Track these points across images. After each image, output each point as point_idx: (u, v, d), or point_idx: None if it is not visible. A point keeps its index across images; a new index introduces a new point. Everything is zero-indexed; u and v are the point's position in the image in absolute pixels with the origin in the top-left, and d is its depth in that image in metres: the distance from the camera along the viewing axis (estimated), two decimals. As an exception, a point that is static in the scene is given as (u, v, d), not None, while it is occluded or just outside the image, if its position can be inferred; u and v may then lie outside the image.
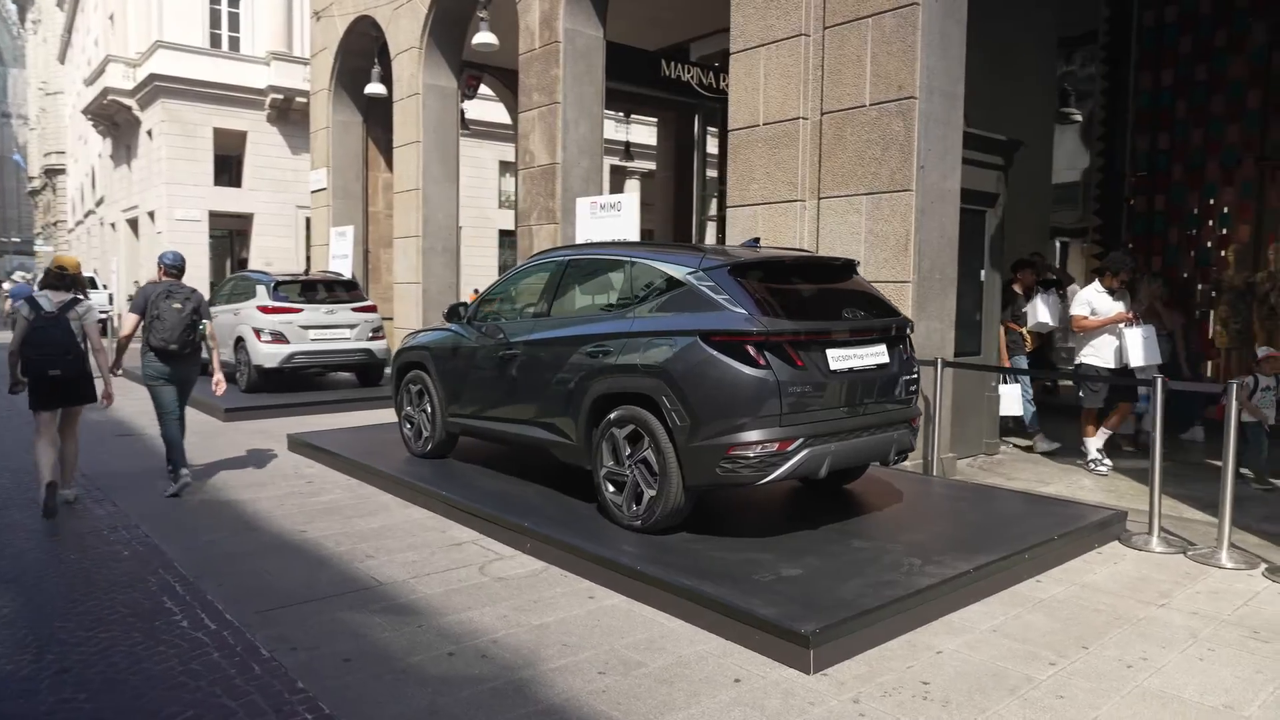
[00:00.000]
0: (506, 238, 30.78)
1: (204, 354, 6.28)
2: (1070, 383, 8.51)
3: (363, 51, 14.13)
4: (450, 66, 12.35)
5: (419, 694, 3.16)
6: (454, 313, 6.34)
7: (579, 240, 9.35)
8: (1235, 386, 4.68)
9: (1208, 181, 9.87)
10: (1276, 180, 9.49)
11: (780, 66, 7.19)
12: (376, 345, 11.02)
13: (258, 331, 10.30)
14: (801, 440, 4.37)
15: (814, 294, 4.81)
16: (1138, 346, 6.65)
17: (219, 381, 6.30)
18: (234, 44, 25.75)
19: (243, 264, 27.14)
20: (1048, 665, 3.43)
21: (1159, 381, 5.02)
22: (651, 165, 30.34)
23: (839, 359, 4.55)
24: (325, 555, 4.75)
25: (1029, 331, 7.77)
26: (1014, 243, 8.25)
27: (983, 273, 7.55)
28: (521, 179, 10.27)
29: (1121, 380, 6.79)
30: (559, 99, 9.67)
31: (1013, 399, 7.00)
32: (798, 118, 7.09)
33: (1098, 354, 6.86)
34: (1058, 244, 12.27)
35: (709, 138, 16.34)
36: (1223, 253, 9.73)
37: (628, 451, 4.76)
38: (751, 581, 3.94)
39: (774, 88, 7.25)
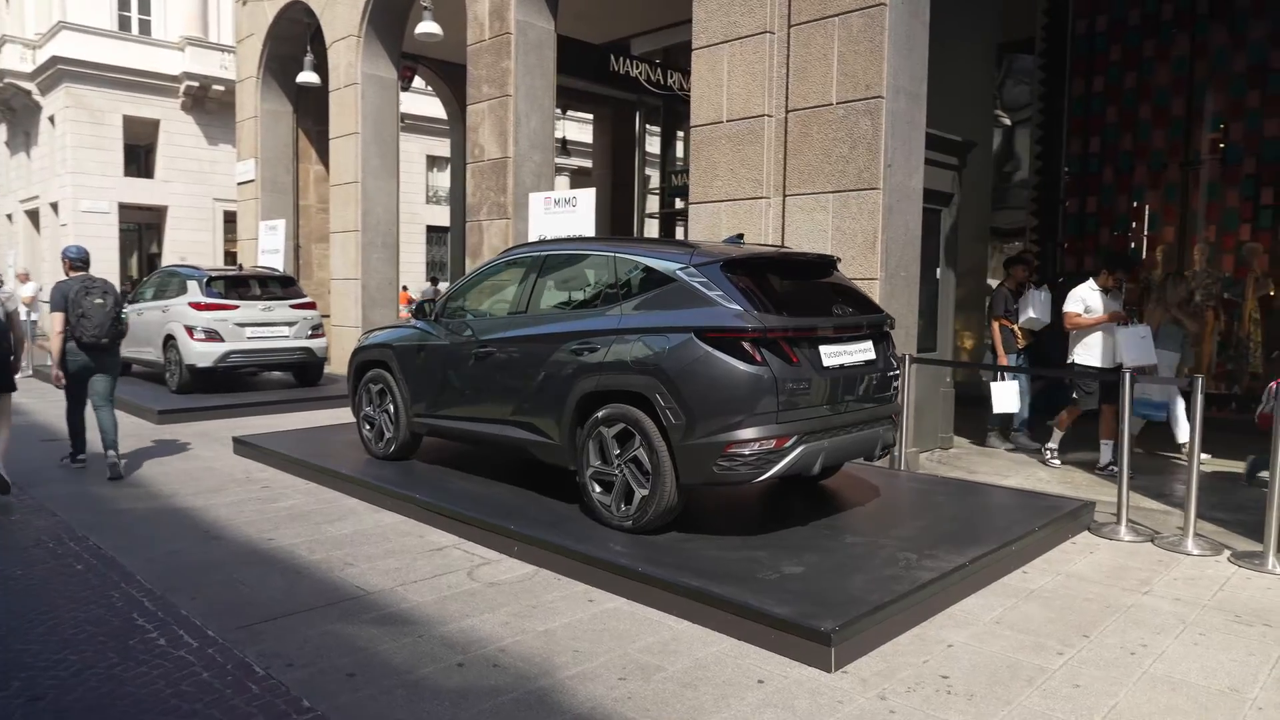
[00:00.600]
0: (435, 234, 30.20)
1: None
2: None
3: (293, 38, 13.61)
4: (390, 56, 11.99)
5: (437, 708, 3.01)
6: (420, 310, 6.12)
7: (532, 236, 9.20)
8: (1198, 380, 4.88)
9: (1136, 185, 10.32)
10: (1199, 184, 9.99)
11: (745, 63, 7.19)
12: (316, 344, 10.62)
13: (190, 329, 9.79)
14: (797, 437, 4.36)
15: (803, 290, 4.80)
16: (1130, 346, 6.50)
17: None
18: (144, 27, 24.51)
19: (152, 260, 25.91)
20: (1056, 655, 3.49)
21: (1127, 377, 5.20)
22: (582, 162, 30.28)
23: (831, 355, 4.55)
24: (300, 564, 4.52)
25: (1020, 328, 7.78)
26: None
27: (938, 271, 7.73)
28: (470, 173, 10.04)
29: (1079, 375, 7.01)
30: (511, 92, 9.48)
31: (1007, 395, 6.76)
32: (763, 115, 7.10)
33: (1090, 353, 6.77)
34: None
35: (648, 135, 16.33)
36: (1154, 252, 10.19)
37: (616, 451, 4.67)
38: (756, 580, 3.90)
39: (738, 85, 7.25)
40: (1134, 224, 10.48)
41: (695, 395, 4.31)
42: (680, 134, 14.71)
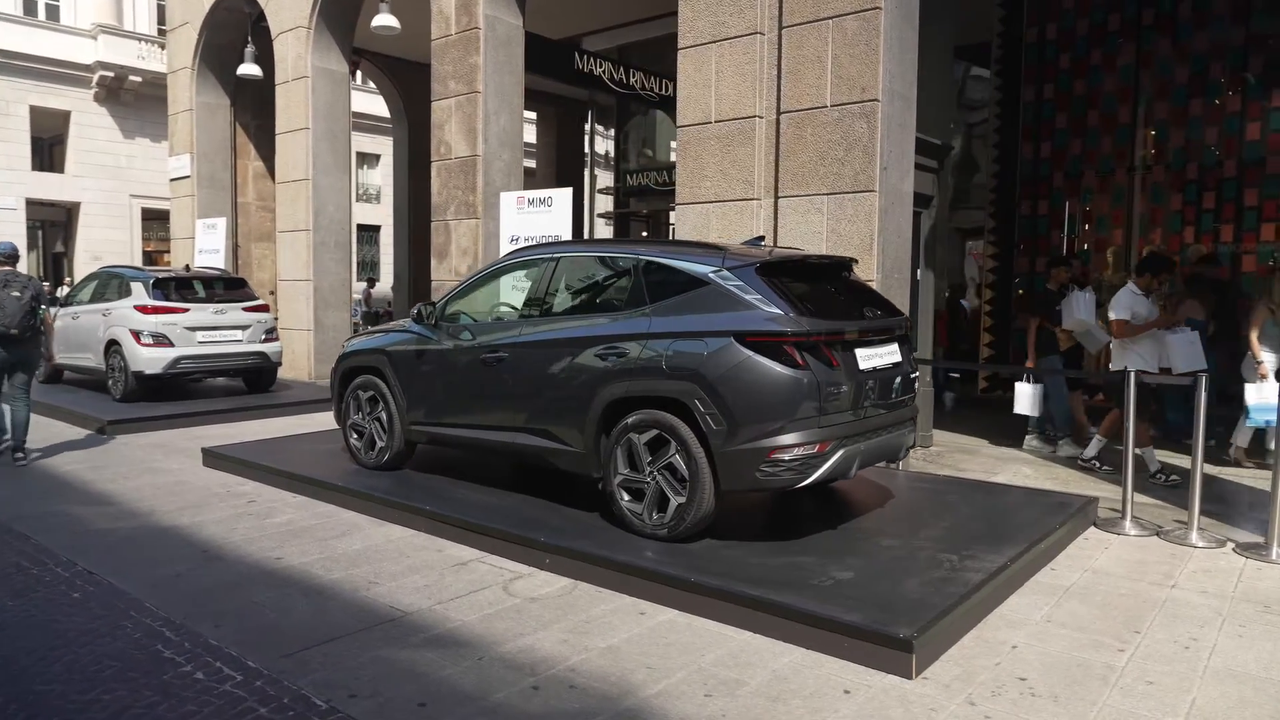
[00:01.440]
0: (365, 233, 29.36)
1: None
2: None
3: (233, 27, 13.00)
4: (341, 49, 11.55)
5: (529, 736, 2.87)
6: (418, 314, 5.87)
7: (503, 237, 8.99)
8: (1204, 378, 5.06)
9: (1085, 188, 10.73)
10: (1145, 188, 10.44)
11: (734, 64, 7.16)
12: (271, 348, 10.14)
13: (136, 334, 9.22)
14: (837, 441, 4.34)
15: (830, 293, 4.79)
16: (1182, 352, 6.34)
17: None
18: (52, 13, 23.07)
19: (58, 259, 24.45)
20: (1117, 652, 3.55)
21: (1131, 375, 5.36)
22: (526, 163, 29.74)
23: (866, 358, 4.55)
24: (320, 585, 4.27)
25: (1064, 330, 7.60)
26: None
27: (919, 272, 7.86)
28: (436, 171, 9.75)
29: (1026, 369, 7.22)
30: (479, 89, 9.24)
31: (1028, 398, 6.57)
32: (754, 116, 7.09)
33: (1135, 359, 6.45)
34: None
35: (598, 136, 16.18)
36: (1103, 254, 10.61)
37: (648, 458, 4.57)
38: (811, 587, 3.86)
39: (728, 85, 7.21)
40: (1085, 226, 10.89)
41: (737, 400, 4.24)
42: (634, 133, 14.63)
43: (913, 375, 5.00)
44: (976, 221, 11.50)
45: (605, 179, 16.73)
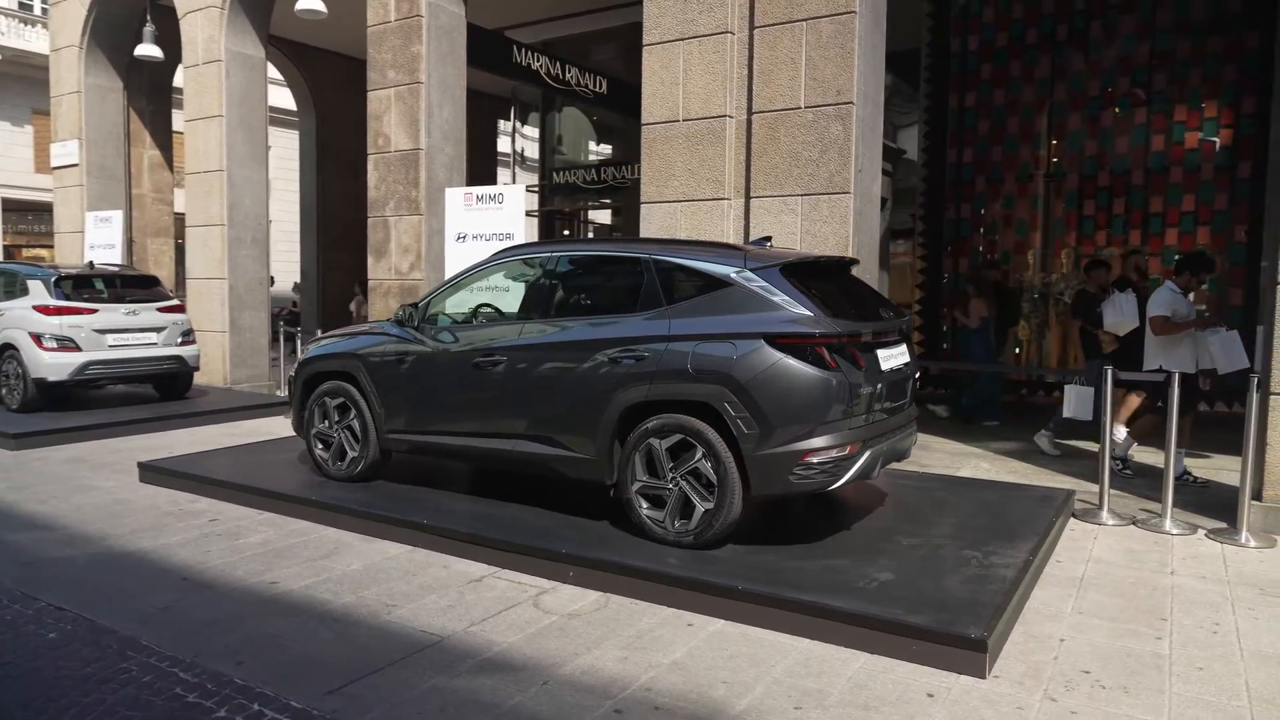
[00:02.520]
0: (253, 228, 27.77)
1: None
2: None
3: (128, 4, 11.99)
4: (258, 33, 10.84)
5: (639, 764, 2.71)
6: (401, 316, 5.52)
7: (450, 234, 8.65)
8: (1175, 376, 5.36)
9: (1005, 194, 11.25)
10: (1060, 194, 11.04)
11: (704, 63, 7.11)
12: (188, 351, 9.41)
13: (37, 337, 8.36)
14: (863, 442, 4.34)
15: (846, 293, 4.79)
16: (1225, 351, 6.25)
17: None
18: (-110, -20, 20.75)
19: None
20: (1155, 640, 3.69)
21: (1109, 371, 5.61)
22: None
23: (886, 359, 4.58)
24: (334, 611, 3.95)
25: (1106, 332, 7.49)
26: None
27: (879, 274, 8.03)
28: (374, 165, 9.27)
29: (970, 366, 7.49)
30: (422, 79, 8.85)
31: (1077, 400, 6.28)
32: (724, 115, 7.05)
33: (1173, 358, 6.34)
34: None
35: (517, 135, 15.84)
36: (1024, 256, 11.15)
37: (670, 464, 4.45)
38: (858, 590, 3.85)
39: (697, 84, 7.15)
40: (1006, 230, 11.41)
41: (771, 403, 4.18)
42: (558, 129, 14.39)
43: (916, 375, 5.07)
44: (905, 223, 11.88)
45: (525, 178, 16.40)
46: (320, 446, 5.95)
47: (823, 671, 3.37)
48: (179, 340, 9.32)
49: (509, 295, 5.39)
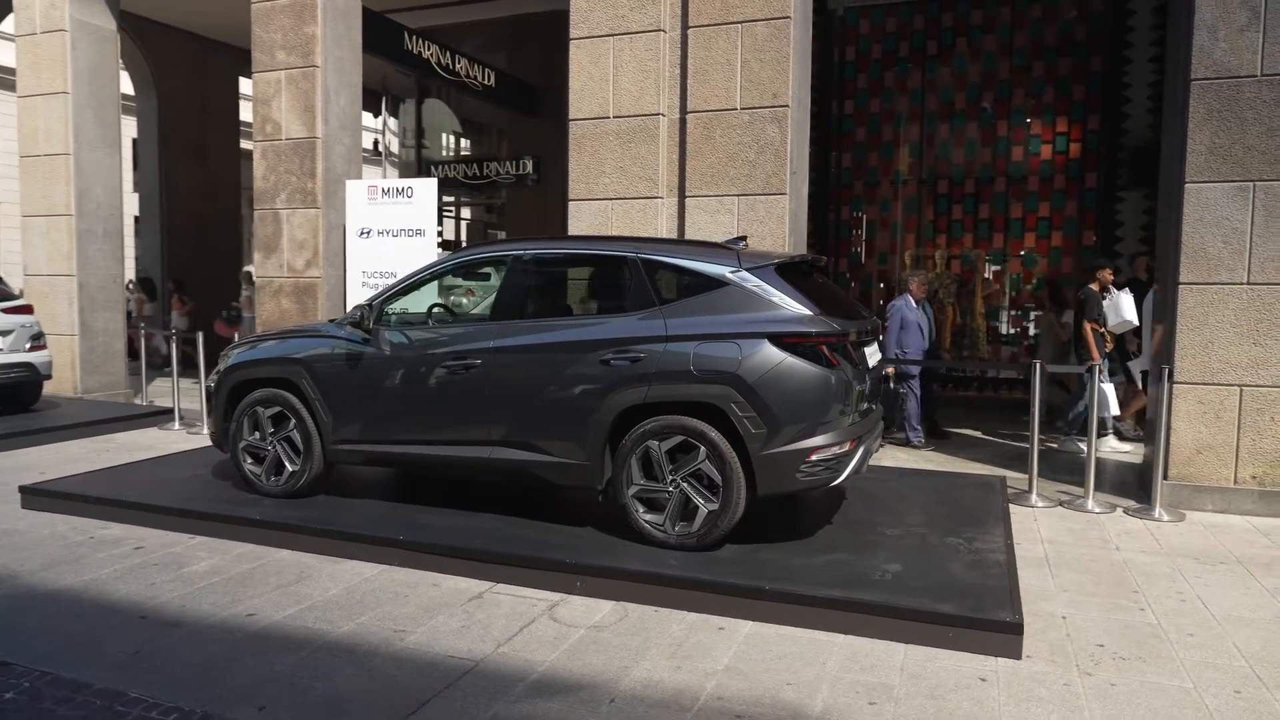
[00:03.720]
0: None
1: None
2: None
3: (-65, -39, 10.42)
4: (108, 1, 9.72)
5: (756, 776, 2.64)
6: (360, 318, 5.10)
7: (351, 229, 8.16)
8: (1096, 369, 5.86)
9: (882, 197, 11.91)
10: (930, 199, 11.81)
11: (636, 60, 7.05)
12: (39, 357, 8.32)
13: None
14: (859, 439, 4.46)
15: (829, 293, 4.89)
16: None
17: None
18: None
19: None
20: (1139, 611, 4.02)
21: (1037, 367, 6.05)
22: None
23: (870, 356, 4.72)
24: (339, 642, 3.60)
25: (1108, 331, 7.72)
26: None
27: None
28: (261, 153, 8.54)
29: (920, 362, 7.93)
30: (317, 63, 8.25)
31: (1111, 398, 6.93)
32: (657, 114, 7.03)
33: None
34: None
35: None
36: (901, 257, 11.84)
37: (670, 466, 4.39)
38: (875, 582, 3.95)
39: (628, 81, 7.08)
40: (882, 231, 12.07)
41: (778, 402, 4.20)
42: (436, 122, 13.85)
43: (885, 374, 5.27)
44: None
45: (394, 174, 15.67)
46: (250, 461, 5.42)
47: (873, 665, 3.42)
48: (28, 345, 8.23)
49: (483, 295, 5.12)
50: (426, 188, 8.06)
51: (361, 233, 8.17)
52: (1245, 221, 5.64)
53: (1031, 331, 11.21)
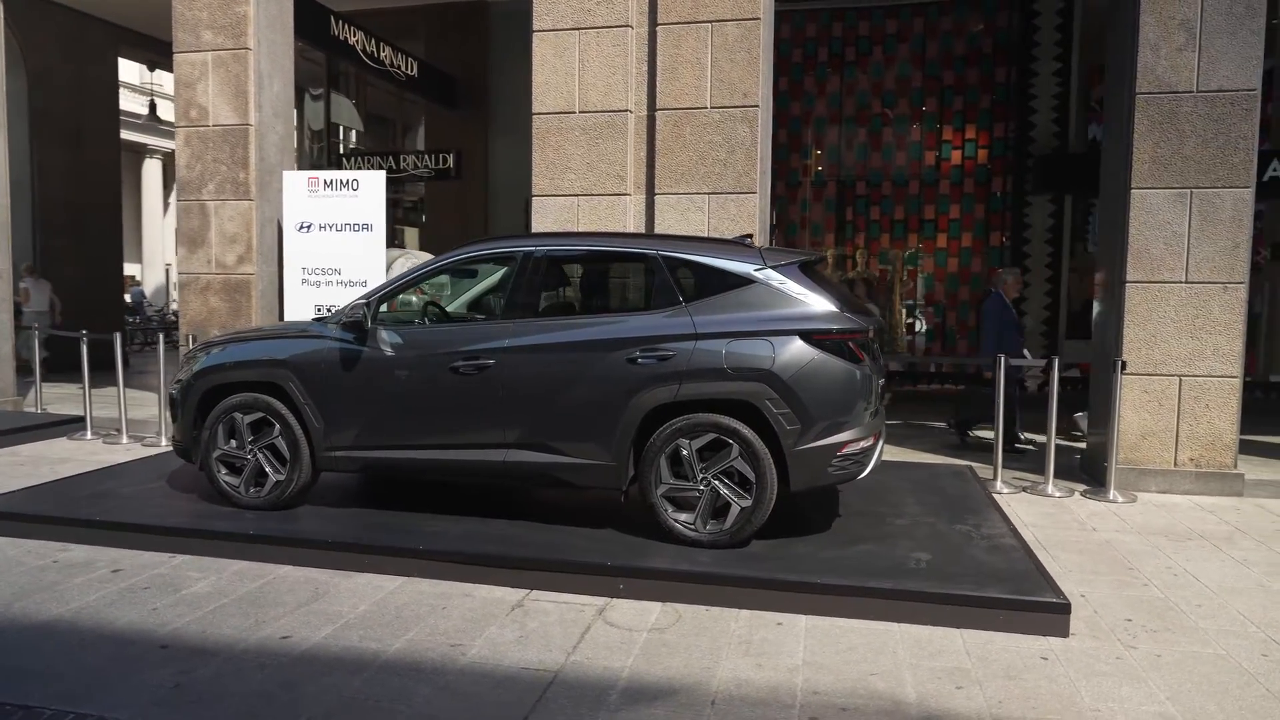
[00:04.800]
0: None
1: None
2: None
3: None
4: (-11, -33, 8.76)
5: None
6: (362, 317, 4.79)
7: (289, 223, 7.70)
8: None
9: (777, 196, 12.23)
10: (821, 200, 12.23)
11: (602, 55, 6.98)
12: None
13: None
14: (878, 433, 4.58)
15: (843, 290, 4.99)
16: None
17: None
18: None
19: None
20: (1144, 587, 4.32)
21: (1002, 361, 6.39)
22: (164, 141, 25.64)
23: (880, 351, 4.85)
24: (397, 662, 3.40)
25: None
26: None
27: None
28: (184, 140, 7.92)
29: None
30: (250, 45, 7.72)
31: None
32: (624, 110, 6.98)
33: None
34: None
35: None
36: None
37: (701, 464, 4.37)
38: (913, 571, 4.08)
39: (595, 76, 7.00)
40: (803, 230, 12.42)
41: (812, 398, 4.27)
42: (350, 112, 13.24)
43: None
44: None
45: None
46: (225, 471, 5.03)
47: (940, 651, 3.53)
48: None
49: (490, 293, 4.93)
50: (374, 180, 7.69)
51: (301, 227, 7.71)
52: (1184, 225, 6.15)
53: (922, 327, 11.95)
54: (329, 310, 7.57)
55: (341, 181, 7.67)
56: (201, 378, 5.06)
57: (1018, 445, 7.54)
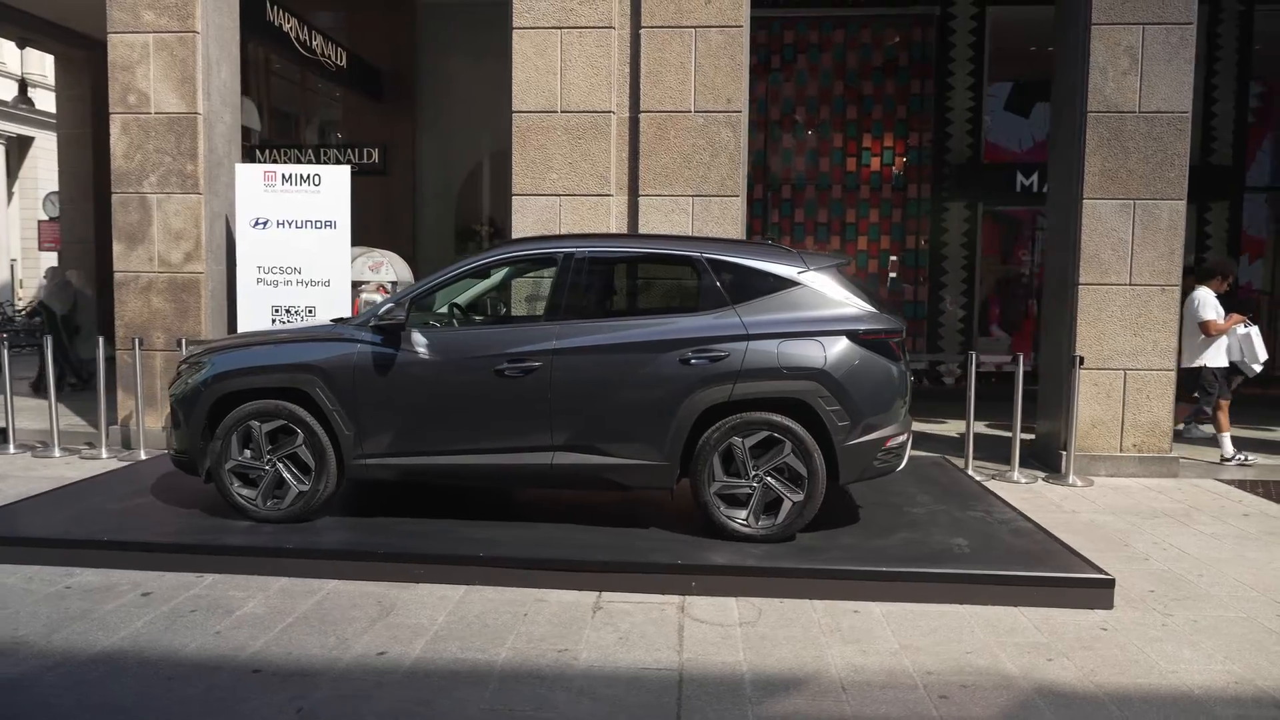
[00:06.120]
0: None
1: None
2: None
3: None
4: None
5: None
6: (402, 321, 4.61)
7: (242, 218, 7.28)
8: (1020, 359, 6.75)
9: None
10: (775, 204, 12.67)
11: (585, 55, 6.98)
12: None
13: None
14: (910, 428, 4.85)
15: (872, 291, 5.21)
16: (1260, 345, 7.18)
17: None
18: None
19: None
20: (1145, 561, 4.77)
21: (971, 357, 6.83)
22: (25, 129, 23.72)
23: (902, 351, 5.12)
24: (511, 669, 3.35)
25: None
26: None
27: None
28: (121, 127, 7.32)
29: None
30: (196, 28, 7.23)
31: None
32: (607, 111, 7.02)
33: (1219, 354, 7.17)
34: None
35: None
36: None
37: (752, 461, 4.50)
38: (960, 556, 4.36)
39: (577, 75, 7.00)
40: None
41: (861, 395, 4.47)
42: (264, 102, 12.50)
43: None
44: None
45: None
46: (239, 483, 4.75)
47: (1012, 628, 3.81)
48: None
49: (528, 294, 4.85)
50: (338, 175, 7.38)
51: (256, 223, 7.28)
52: (1128, 233, 6.78)
53: None
54: (288, 311, 7.26)
55: (302, 176, 7.31)
56: (214, 384, 4.74)
57: None
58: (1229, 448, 7.12)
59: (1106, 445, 6.92)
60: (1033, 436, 7.54)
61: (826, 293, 4.62)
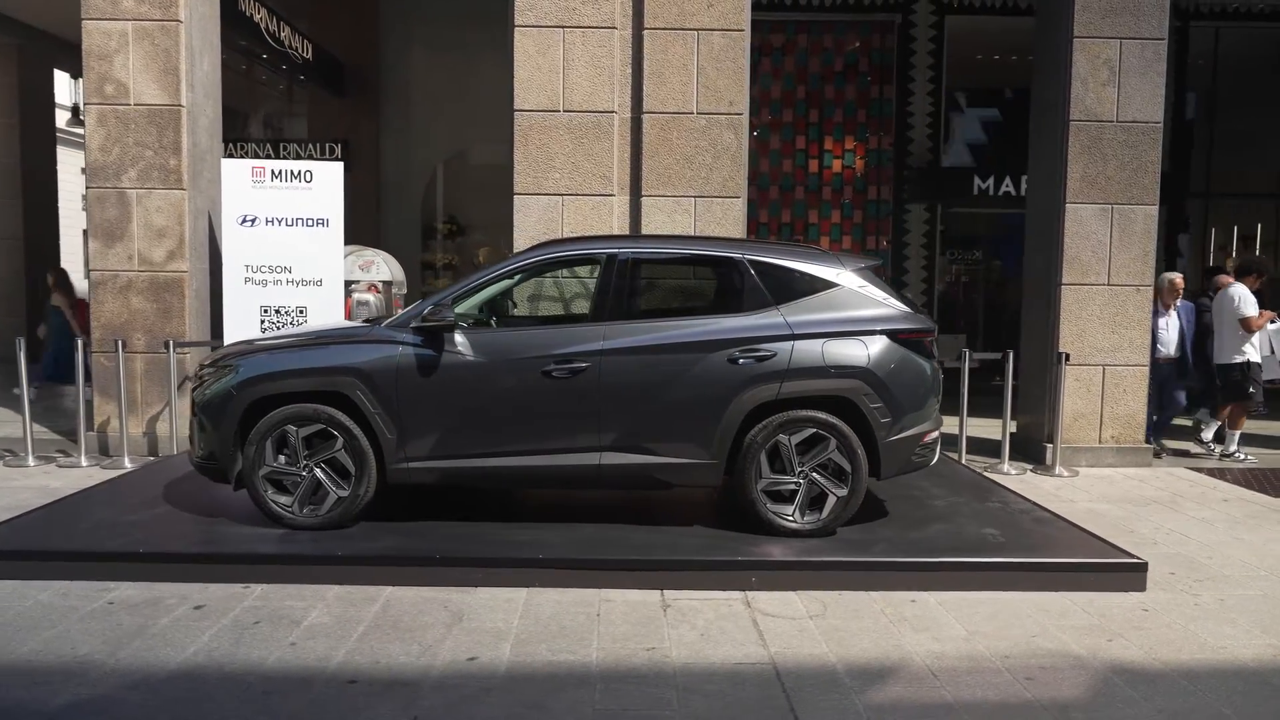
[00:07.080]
0: None
1: None
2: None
3: None
4: None
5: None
6: (449, 321, 4.53)
7: (229, 215, 7.02)
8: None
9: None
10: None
11: (588, 55, 6.99)
12: None
13: None
14: (941, 425, 5.04)
15: (904, 291, 5.38)
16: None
17: None
18: None
19: None
20: (1155, 545, 5.06)
21: (965, 353, 7.10)
22: None
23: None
24: (610, 670, 3.37)
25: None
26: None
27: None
28: (98, 119, 6.97)
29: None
30: (180, 16, 6.95)
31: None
32: (610, 111, 7.04)
33: (1255, 350, 7.35)
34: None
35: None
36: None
37: (799, 458, 4.61)
38: (996, 546, 4.57)
39: (580, 75, 6.99)
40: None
41: (902, 393, 4.63)
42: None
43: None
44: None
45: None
46: (273, 490, 4.61)
47: (1062, 612, 4.01)
48: None
49: (573, 295, 4.84)
50: (330, 172, 7.18)
51: (244, 220, 7.03)
52: (1107, 236, 7.15)
53: None
54: (278, 312, 7.04)
55: (292, 173, 7.09)
56: (246, 388, 4.59)
57: None
58: (1234, 445, 7.44)
59: (1086, 437, 7.29)
60: (1014, 430, 7.87)
61: (864, 293, 4.75)
